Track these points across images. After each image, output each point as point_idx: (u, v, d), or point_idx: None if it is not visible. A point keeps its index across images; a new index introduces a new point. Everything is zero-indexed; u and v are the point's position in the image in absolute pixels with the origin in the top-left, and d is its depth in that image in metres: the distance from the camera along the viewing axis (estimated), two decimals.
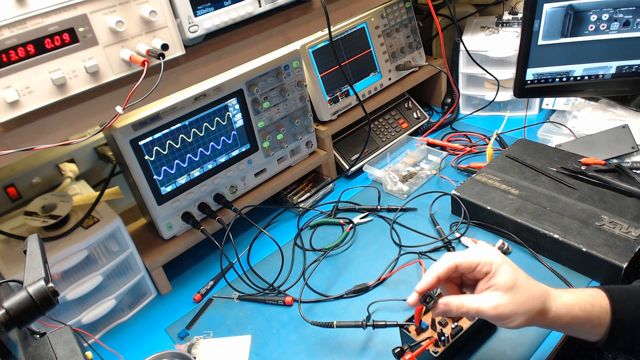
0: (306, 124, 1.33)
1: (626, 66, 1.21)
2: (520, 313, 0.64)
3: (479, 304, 0.66)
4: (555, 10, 1.17)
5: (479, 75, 1.53)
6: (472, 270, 0.67)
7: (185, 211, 1.15)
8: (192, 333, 1.03)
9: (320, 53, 1.34)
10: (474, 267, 0.67)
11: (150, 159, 1.05)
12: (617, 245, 0.95)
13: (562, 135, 1.37)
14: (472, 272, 0.68)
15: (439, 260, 0.70)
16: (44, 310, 0.55)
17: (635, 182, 1.09)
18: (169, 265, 1.16)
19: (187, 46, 0.87)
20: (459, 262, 0.67)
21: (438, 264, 0.69)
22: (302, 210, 1.32)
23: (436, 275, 0.68)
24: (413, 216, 1.24)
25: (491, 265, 0.66)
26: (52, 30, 0.69)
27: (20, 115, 0.70)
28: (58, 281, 0.97)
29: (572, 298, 0.69)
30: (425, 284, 0.68)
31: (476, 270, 0.67)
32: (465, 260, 0.67)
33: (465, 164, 1.37)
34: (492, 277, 0.66)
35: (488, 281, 0.66)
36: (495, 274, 0.66)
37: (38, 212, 0.99)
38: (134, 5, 0.76)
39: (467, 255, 0.68)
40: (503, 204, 1.10)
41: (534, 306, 0.65)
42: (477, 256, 0.67)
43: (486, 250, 0.68)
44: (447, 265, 0.67)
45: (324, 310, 1.02)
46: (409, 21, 1.54)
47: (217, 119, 1.14)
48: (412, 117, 1.59)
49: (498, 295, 0.65)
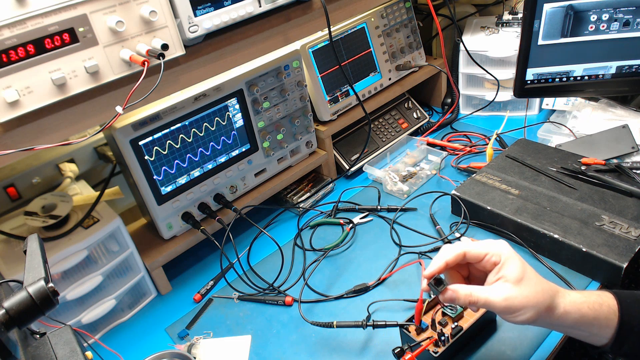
0: (306, 124, 1.33)
1: (626, 66, 1.21)
2: (529, 307, 0.64)
3: (488, 295, 0.65)
4: (555, 10, 1.17)
5: (479, 75, 1.53)
6: (480, 260, 0.67)
7: (185, 211, 1.15)
8: (192, 333, 1.03)
9: (320, 53, 1.34)
10: (482, 257, 0.67)
11: (150, 159, 1.05)
12: (617, 245, 0.95)
13: (562, 135, 1.37)
14: (480, 263, 0.68)
15: (448, 247, 0.70)
16: (44, 310, 0.55)
17: (635, 182, 1.09)
18: (169, 265, 1.16)
19: (187, 46, 0.87)
20: (467, 250, 0.68)
21: (447, 250, 0.69)
22: (302, 210, 1.32)
23: (445, 261, 0.68)
24: (413, 216, 1.24)
25: (500, 256, 0.66)
26: (52, 30, 0.69)
27: (20, 115, 0.70)
28: (58, 281, 0.97)
29: (580, 297, 0.69)
30: (434, 268, 0.68)
31: (484, 260, 0.67)
32: (474, 249, 0.68)
33: (465, 164, 1.37)
34: (501, 268, 0.66)
35: (497, 272, 0.66)
36: (504, 265, 0.65)
37: (38, 212, 0.99)
38: (134, 5, 0.76)
39: (476, 245, 0.68)
40: (503, 204, 1.10)
41: (543, 300, 0.65)
42: (485, 247, 0.67)
43: (495, 242, 0.68)
44: (456, 253, 0.68)
45: (324, 310, 1.02)
46: (409, 21, 1.54)
47: (217, 119, 1.14)
48: (412, 117, 1.59)
49: (508, 286, 0.64)
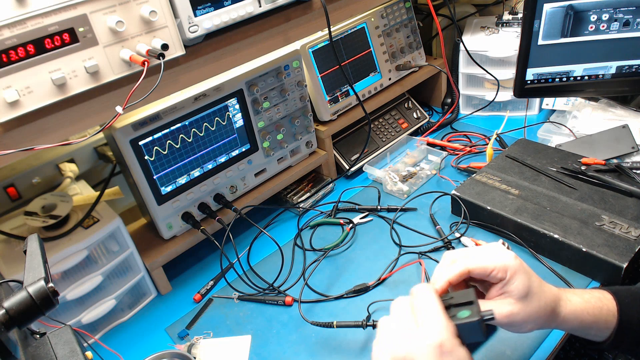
0: (306, 124, 1.33)
1: (626, 66, 1.21)
2: (530, 321, 0.65)
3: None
4: (555, 10, 1.17)
5: (479, 75, 1.53)
6: (486, 275, 0.66)
7: (185, 211, 1.15)
8: (192, 333, 1.03)
9: (320, 53, 1.34)
10: (488, 272, 0.65)
11: (150, 159, 1.05)
12: (617, 245, 0.95)
13: (562, 135, 1.37)
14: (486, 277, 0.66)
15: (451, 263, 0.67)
16: (44, 310, 0.55)
17: (635, 182, 1.09)
18: (169, 265, 1.16)
19: (187, 46, 0.87)
20: (472, 268, 0.65)
21: (450, 267, 0.66)
22: (302, 210, 1.32)
23: (447, 281, 0.66)
24: (413, 216, 1.24)
25: (506, 272, 0.64)
26: (52, 30, 0.69)
27: (20, 115, 0.70)
28: (58, 281, 0.97)
29: (581, 303, 0.69)
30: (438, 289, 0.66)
31: (490, 276, 0.65)
32: (479, 266, 0.65)
33: (465, 164, 1.37)
34: (506, 284, 0.64)
35: (501, 288, 0.65)
36: (509, 282, 0.64)
37: (38, 212, 0.99)
38: (134, 5, 0.76)
39: (481, 260, 0.65)
40: (503, 204, 1.10)
41: (544, 314, 0.66)
42: (491, 261, 0.65)
43: (499, 253, 0.65)
44: (460, 271, 0.65)
45: (324, 310, 1.02)
46: (409, 21, 1.54)
47: (217, 119, 1.14)
48: (412, 117, 1.59)
49: (511, 303, 0.64)
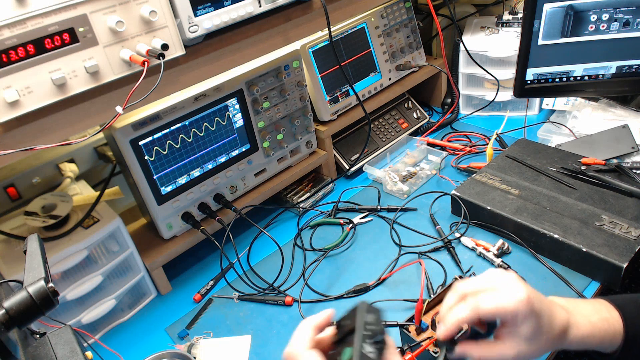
0: (306, 124, 1.33)
1: (626, 66, 1.21)
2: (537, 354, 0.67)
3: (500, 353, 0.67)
4: (555, 10, 1.17)
5: (479, 75, 1.53)
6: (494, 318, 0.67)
7: (185, 211, 1.15)
8: (192, 333, 1.03)
9: (320, 53, 1.34)
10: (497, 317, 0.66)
11: (150, 159, 1.05)
12: (617, 245, 0.95)
13: (562, 135, 1.37)
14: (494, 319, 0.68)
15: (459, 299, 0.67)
16: (44, 310, 0.55)
17: (635, 182, 1.09)
18: (169, 265, 1.16)
19: (187, 46, 0.87)
20: (482, 313, 0.65)
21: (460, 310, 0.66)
22: (302, 210, 1.32)
23: (457, 323, 0.67)
24: (413, 216, 1.24)
25: (516, 317, 0.64)
26: (52, 30, 0.69)
27: (20, 115, 0.70)
28: (58, 281, 0.97)
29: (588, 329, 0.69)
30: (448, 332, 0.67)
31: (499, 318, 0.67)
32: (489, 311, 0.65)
33: (465, 164, 1.37)
34: (515, 326, 0.65)
35: (510, 328, 0.66)
36: (519, 325, 0.65)
37: (38, 212, 0.99)
38: (134, 5, 0.76)
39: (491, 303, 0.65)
40: (503, 204, 1.10)
41: (552, 346, 0.68)
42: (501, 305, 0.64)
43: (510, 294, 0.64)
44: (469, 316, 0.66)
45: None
46: (409, 21, 1.54)
47: (217, 119, 1.14)
48: (412, 117, 1.59)
49: (520, 343, 0.65)
